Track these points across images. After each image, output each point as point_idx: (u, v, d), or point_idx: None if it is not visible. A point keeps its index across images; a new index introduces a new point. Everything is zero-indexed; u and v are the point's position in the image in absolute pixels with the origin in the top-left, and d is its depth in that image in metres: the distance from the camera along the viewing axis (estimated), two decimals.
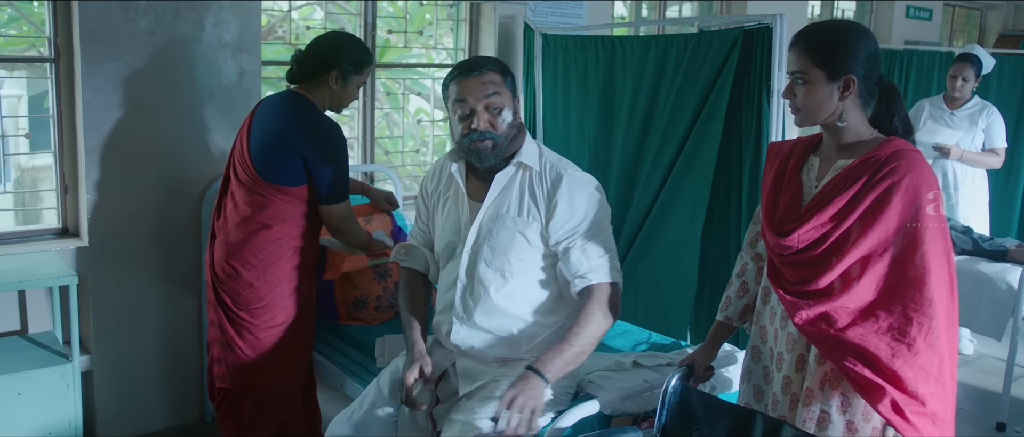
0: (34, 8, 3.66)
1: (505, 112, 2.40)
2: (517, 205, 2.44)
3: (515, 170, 2.46)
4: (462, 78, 2.40)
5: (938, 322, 1.96)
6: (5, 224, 3.69)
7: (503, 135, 2.40)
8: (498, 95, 2.39)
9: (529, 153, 2.47)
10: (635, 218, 4.31)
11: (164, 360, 3.88)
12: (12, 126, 3.70)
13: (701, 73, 3.92)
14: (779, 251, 2.16)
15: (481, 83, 2.37)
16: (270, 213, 3.03)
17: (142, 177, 3.68)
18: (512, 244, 2.43)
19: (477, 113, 2.37)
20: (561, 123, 4.75)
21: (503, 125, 2.40)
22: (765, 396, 2.33)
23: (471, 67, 2.40)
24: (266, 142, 3.01)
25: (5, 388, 3.21)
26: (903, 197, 1.96)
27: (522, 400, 2.24)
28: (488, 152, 2.40)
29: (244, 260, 3.06)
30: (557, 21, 5.22)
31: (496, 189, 2.45)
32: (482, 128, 2.37)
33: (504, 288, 2.45)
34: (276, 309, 3.09)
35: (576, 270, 2.39)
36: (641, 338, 3.47)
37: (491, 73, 2.40)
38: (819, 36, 2.09)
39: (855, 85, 2.05)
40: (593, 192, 2.47)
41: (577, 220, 2.41)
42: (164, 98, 3.67)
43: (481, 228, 2.47)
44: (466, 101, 2.38)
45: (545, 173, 2.45)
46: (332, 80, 3.06)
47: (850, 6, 8.05)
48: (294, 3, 4.47)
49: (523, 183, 2.46)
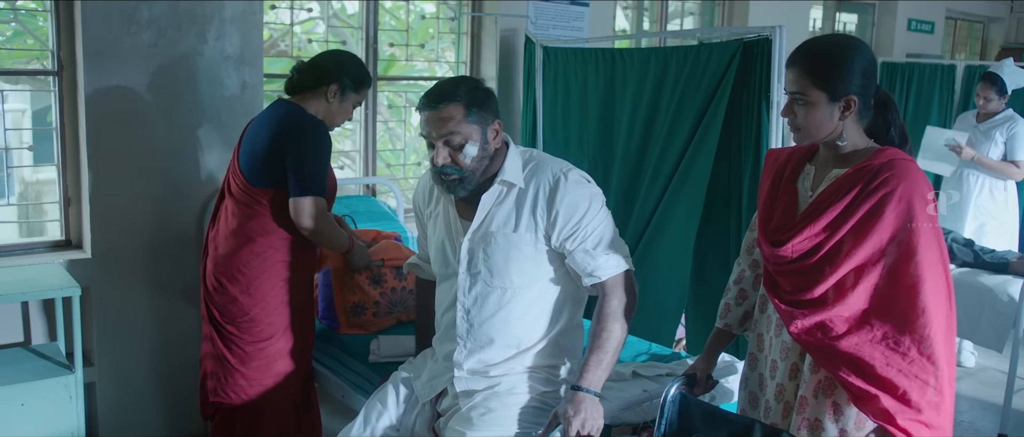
0: (38, 22, 3.69)
1: (468, 147, 2.28)
2: (511, 221, 2.36)
3: (500, 188, 2.37)
4: (423, 109, 2.30)
5: (932, 330, 1.96)
6: (8, 236, 3.71)
7: (468, 169, 2.31)
8: (456, 134, 2.26)
9: (512, 169, 2.37)
10: (635, 230, 4.32)
11: (166, 371, 3.89)
12: (16, 139, 3.72)
13: (701, 85, 3.93)
14: (774, 261, 2.17)
15: (439, 119, 2.27)
16: (256, 225, 3.03)
17: (144, 189, 3.70)
18: (509, 261, 2.36)
19: (437, 148, 2.29)
20: (561, 135, 4.77)
21: (466, 159, 2.29)
22: (760, 403, 2.34)
23: (431, 100, 2.29)
24: (252, 146, 3.03)
25: (8, 399, 3.22)
26: (896, 207, 1.97)
27: (580, 421, 2.25)
28: (455, 185, 2.33)
29: (230, 273, 3.06)
30: (558, 34, 5.24)
31: (483, 210, 2.37)
32: (440, 164, 2.29)
33: (508, 305, 2.39)
34: (263, 323, 3.09)
35: (586, 269, 2.34)
36: (641, 349, 3.48)
37: (452, 107, 2.26)
38: (819, 57, 2.07)
39: (856, 104, 2.06)
40: (587, 185, 2.38)
41: (577, 220, 2.33)
42: (166, 111, 3.70)
43: (473, 249, 2.39)
44: (429, 134, 2.30)
45: (537, 184, 2.36)
46: (330, 94, 3.07)
47: (851, 19, 8.07)
48: (296, 17, 4.49)
49: (513, 199, 2.37)
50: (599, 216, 2.36)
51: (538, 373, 2.46)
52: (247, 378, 3.12)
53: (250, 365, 3.11)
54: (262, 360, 3.11)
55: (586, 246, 2.33)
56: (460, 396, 2.46)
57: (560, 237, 2.34)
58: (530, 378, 2.45)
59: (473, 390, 2.44)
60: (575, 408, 2.26)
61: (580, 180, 2.37)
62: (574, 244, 2.33)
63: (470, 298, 2.42)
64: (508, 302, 2.39)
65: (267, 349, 3.11)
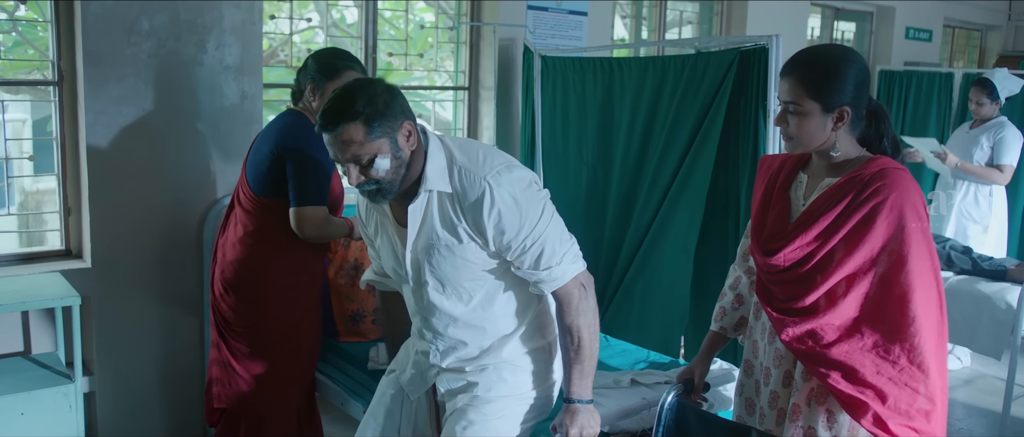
0: (38, 32, 3.71)
1: (379, 161, 2.10)
2: (446, 231, 2.19)
3: (426, 196, 2.20)
4: (323, 132, 2.12)
5: (922, 339, 1.97)
6: (9, 246, 3.72)
7: (386, 180, 2.13)
8: (362, 155, 2.08)
9: (435, 173, 2.18)
10: (634, 238, 4.33)
11: (166, 380, 3.90)
12: (16, 149, 3.74)
13: (698, 94, 3.95)
14: (766, 269, 2.18)
15: (341, 141, 2.09)
16: (261, 233, 3.07)
17: (144, 199, 3.71)
18: (458, 270, 2.22)
19: (348, 169, 2.12)
20: (560, 145, 4.78)
21: (380, 172, 2.11)
22: (755, 410, 2.35)
23: (328, 122, 2.09)
24: (257, 156, 3.08)
25: (8, 408, 3.23)
26: (887, 216, 1.98)
27: (577, 430, 2.27)
28: (377, 196, 2.17)
29: (236, 280, 3.09)
30: (557, 43, 5.26)
31: (415, 222, 2.21)
32: (353, 183, 2.14)
33: (469, 308, 2.28)
34: (267, 330, 3.11)
35: (530, 279, 2.23)
36: (640, 357, 3.49)
37: (350, 127, 2.07)
38: (812, 67, 2.08)
39: (849, 116, 2.07)
40: (518, 191, 2.16)
41: (511, 237, 2.16)
42: (166, 121, 3.71)
43: (417, 261, 2.25)
44: (335, 156, 2.15)
45: (462, 190, 2.16)
46: (309, 93, 3.09)
47: (850, 27, 8.09)
48: (296, 26, 4.51)
49: (441, 207, 2.19)
50: (536, 229, 2.18)
51: (522, 359, 2.37)
52: (251, 384, 3.14)
53: (254, 371, 3.13)
54: (266, 367, 3.13)
55: (527, 264, 2.20)
56: (445, 395, 2.43)
57: (497, 248, 2.19)
58: (515, 368, 2.35)
59: (455, 389, 2.39)
60: (571, 419, 2.29)
61: (509, 186, 2.15)
62: (513, 257, 2.20)
63: (426, 308, 2.31)
64: (467, 305, 2.29)
65: (271, 356, 3.13)
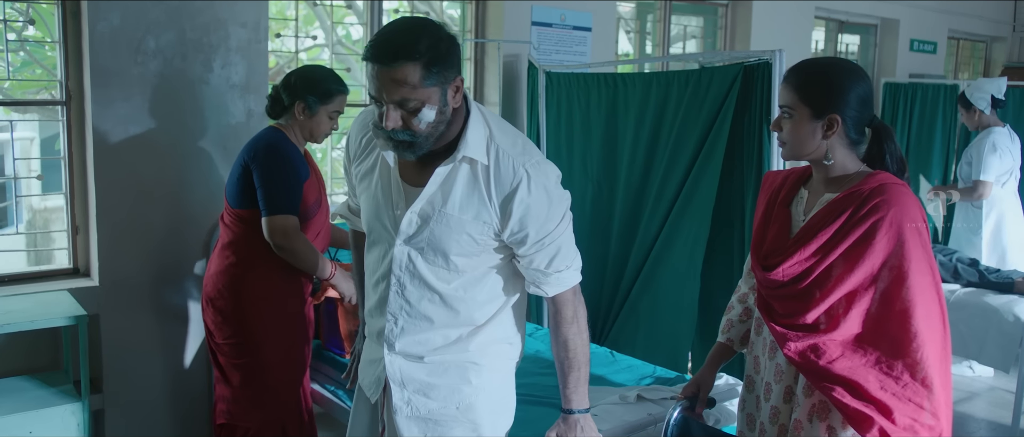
0: (46, 52, 3.73)
1: (425, 112, 1.91)
2: (462, 201, 2.03)
3: (458, 163, 2.02)
4: (373, 63, 1.89)
5: (925, 354, 1.97)
6: (17, 265, 3.74)
7: (422, 135, 1.94)
8: (411, 99, 1.89)
9: (475, 142, 2.01)
10: (639, 253, 4.33)
11: (174, 399, 3.90)
12: (24, 168, 3.76)
13: (702, 109, 3.96)
14: (766, 284, 2.18)
15: (392, 80, 1.87)
16: (237, 244, 3.13)
17: (151, 217, 3.72)
18: (452, 242, 2.05)
19: (387, 110, 1.91)
20: (565, 161, 4.79)
21: (421, 125, 1.92)
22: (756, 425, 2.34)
23: (384, 55, 1.87)
24: (233, 169, 3.15)
25: (16, 427, 3.23)
26: (887, 232, 1.98)
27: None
28: (404, 149, 1.97)
29: (212, 295, 3.16)
30: (561, 59, 5.27)
31: (435, 183, 2.02)
32: (390, 128, 1.92)
33: (452, 284, 2.11)
34: (248, 345, 3.13)
35: (534, 280, 2.14)
36: (645, 372, 3.49)
37: (408, 67, 1.86)
38: (810, 73, 2.12)
39: (839, 126, 2.07)
40: (551, 191, 2.06)
41: (532, 232, 2.05)
42: (173, 139, 3.73)
43: (416, 223, 2.06)
44: (378, 93, 1.92)
45: (498, 169, 2.02)
46: (298, 112, 3.15)
47: (854, 40, 8.09)
48: (301, 44, 4.54)
49: (469, 177, 2.03)
50: (557, 229, 2.09)
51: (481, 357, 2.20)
52: (241, 399, 3.17)
53: (239, 384, 3.16)
54: (250, 379, 3.15)
55: (537, 263, 2.11)
56: (392, 386, 2.19)
57: (511, 238, 2.07)
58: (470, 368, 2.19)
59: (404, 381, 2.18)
60: (570, 430, 2.25)
61: (545, 183, 2.04)
62: (524, 251, 2.09)
63: (406, 273, 2.11)
64: (451, 281, 2.11)
65: (252, 368, 3.14)
